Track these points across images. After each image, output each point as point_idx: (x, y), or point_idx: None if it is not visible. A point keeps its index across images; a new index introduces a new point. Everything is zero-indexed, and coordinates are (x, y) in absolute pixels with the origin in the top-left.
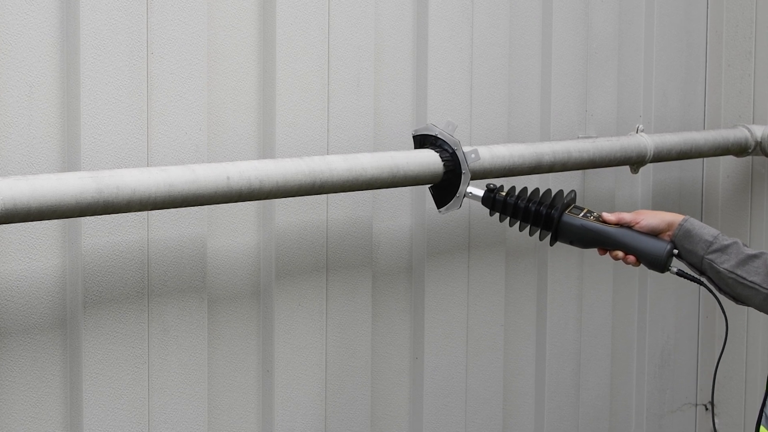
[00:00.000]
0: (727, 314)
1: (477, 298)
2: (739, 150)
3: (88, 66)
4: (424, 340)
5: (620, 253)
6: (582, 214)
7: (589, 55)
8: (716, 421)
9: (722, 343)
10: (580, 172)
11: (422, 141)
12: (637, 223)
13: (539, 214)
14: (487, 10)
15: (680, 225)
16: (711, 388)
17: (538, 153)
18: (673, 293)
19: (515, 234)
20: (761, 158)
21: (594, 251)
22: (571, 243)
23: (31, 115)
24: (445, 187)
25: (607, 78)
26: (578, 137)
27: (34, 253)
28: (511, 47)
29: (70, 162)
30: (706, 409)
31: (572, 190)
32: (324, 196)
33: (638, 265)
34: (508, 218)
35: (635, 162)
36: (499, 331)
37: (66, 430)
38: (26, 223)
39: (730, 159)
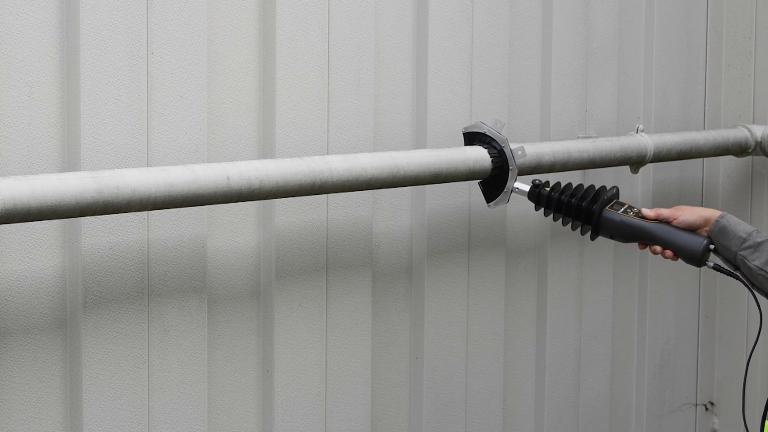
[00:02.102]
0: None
1: (477, 298)
2: (739, 150)
3: (88, 66)
4: (424, 340)
5: (658, 248)
6: (622, 209)
7: (589, 55)
8: (716, 420)
9: (754, 339)
10: (580, 172)
11: (471, 138)
12: (675, 219)
13: (580, 209)
14: (487, 10)
15: (716, 221)
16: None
17: (538, 153)
18: (673, 293)
19: (515, 234)
20: (761, 158)
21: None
22: (612, 237)
23: (31, 115)
24: (493, 182)
25: (607, 78)
26: (578, 137)
27: (34, 253)
28: (511, 47)
29: (70, 162)
30: (706, 409)
31: (614, 186)
32: (324, 196)
33: (676, 260)
34: (552, 213)
35: (635, 162)
36: (499, 331)
37: (66, 430)
38: (26, 223)
39: (730, 159)
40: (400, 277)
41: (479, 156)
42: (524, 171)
